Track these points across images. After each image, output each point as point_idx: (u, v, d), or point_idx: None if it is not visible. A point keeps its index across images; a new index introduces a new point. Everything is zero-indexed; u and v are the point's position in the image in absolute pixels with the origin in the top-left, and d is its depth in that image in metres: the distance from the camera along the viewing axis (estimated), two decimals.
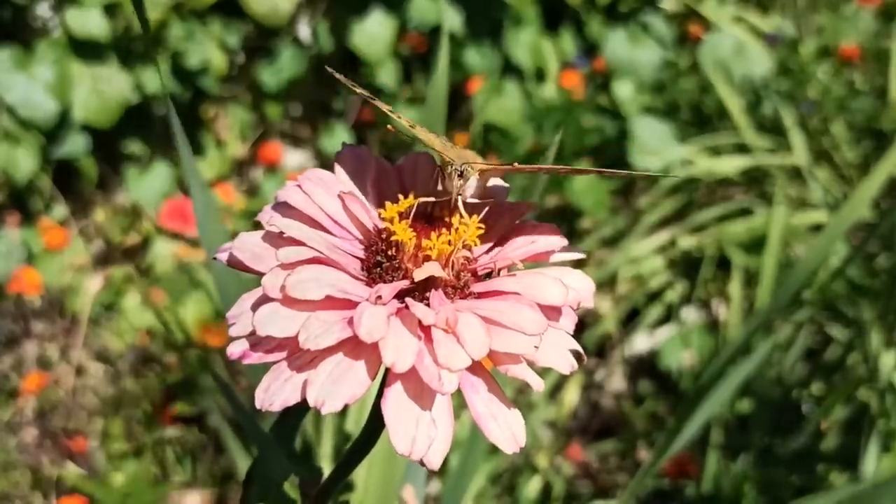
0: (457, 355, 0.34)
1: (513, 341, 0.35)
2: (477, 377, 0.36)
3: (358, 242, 0.42)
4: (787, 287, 0.93)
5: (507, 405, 0.36)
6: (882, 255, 1.62)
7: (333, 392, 0.33)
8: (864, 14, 2.05)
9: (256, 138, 2.17)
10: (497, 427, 0.35)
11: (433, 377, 0.33)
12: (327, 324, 0.34)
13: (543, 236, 0.43)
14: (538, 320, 0.36)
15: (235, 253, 0.38)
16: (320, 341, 0.33)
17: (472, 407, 0.35)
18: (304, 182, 0.42)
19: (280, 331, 0.34)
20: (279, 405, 0.34)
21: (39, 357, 1.67)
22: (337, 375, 0.34)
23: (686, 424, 1.03)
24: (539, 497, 1.47)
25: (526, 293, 0.38)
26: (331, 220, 0.41)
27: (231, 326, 0.36)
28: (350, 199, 0.41)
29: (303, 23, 2.13)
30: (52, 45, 1.81)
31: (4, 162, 1.75)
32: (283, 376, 0.34)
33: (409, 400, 0.34)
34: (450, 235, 0.39)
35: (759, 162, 1.85)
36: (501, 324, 0.36)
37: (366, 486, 0.86)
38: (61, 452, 1.52)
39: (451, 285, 0.39)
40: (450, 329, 0.35)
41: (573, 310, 0.40)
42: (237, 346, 0.35)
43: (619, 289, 1.83)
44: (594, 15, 2.14)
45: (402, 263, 0.39)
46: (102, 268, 1.89)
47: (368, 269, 0.40)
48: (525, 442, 0.36)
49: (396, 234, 0.39)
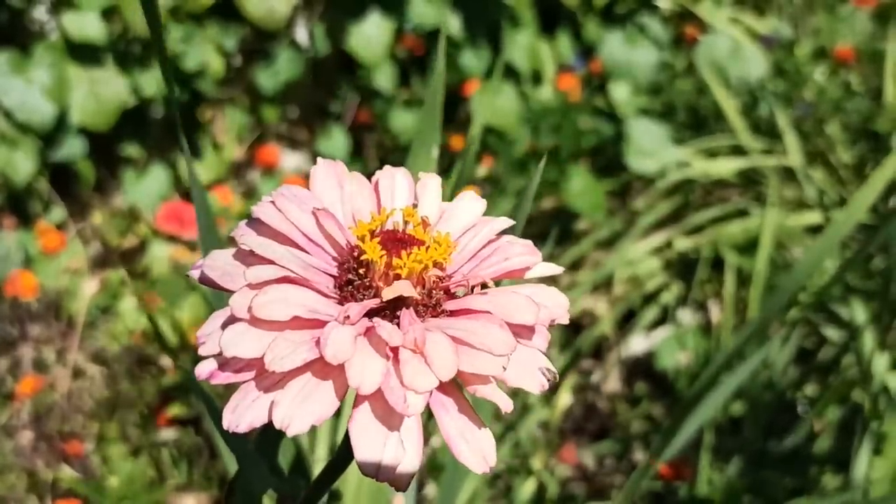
0: (423, 376, 0.34)
1: (481, 362, 0.35)
2: (448, 397, 0.36)
3: (332, 259, 0.42)
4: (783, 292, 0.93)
5: (477, 425, 0.36)
6: (877, 257, 1.62)
7: (300, 413, 0.33)
8: (860, 15, 2.05)
9: (253, 141, 2.17)
10: (467, 448, 0.36)
11: (399, 399, 0.33)
12: (294, 344, 0.34)
13: (518, 253, 0.43)
14: (507, 340, 0.36)
15: (206, 271, 0.38)
16: (286, 363, 0.33)
17: (441, 427, 0.35)
18: (278, 198, 0.42)
19: (246, 352, 0.34)
20: (246, 426, 0.34)
21: (35, 360, 1.67)
22: (304, 396, 0.34)
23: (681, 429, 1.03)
24: (533, 499, 1.47)
25: (497, 312, 0.38)
26: (304, 237, 0.41)
27: (201, 345, 0.36)
28: (324, 216, 0.41)
29: (300, 25, 2.13)
30: (49, 48, 1.81)
31: (2, 165, 1.75)
32: (250, 397, 0.34)
33: (376, 421, 0.34)
34: (421, 254, 0.39)
35: (754, 163, 1.85)
36: (470, 344, 0.36)
37: (357, 494, 0.86)
38: (57, 455, 1.52)
39: (422, 304, 0.39)
40: (418, 349, 0.35)
41: (546, 327, 0.40)
42: (206, 366, 0.36)
43: (615, 290, 1.83)
44: (591, 17, 2.14)
45: (373, 282, 0.39)
46: (99, 270, 1.89)
47: (341, 287, 0.40)
48: (494, 462, 0.36)
49: (367, 252, 0.39)
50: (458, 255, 0.43)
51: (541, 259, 0.43)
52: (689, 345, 1.69)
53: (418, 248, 0.40)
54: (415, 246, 0.40)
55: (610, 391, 1.77)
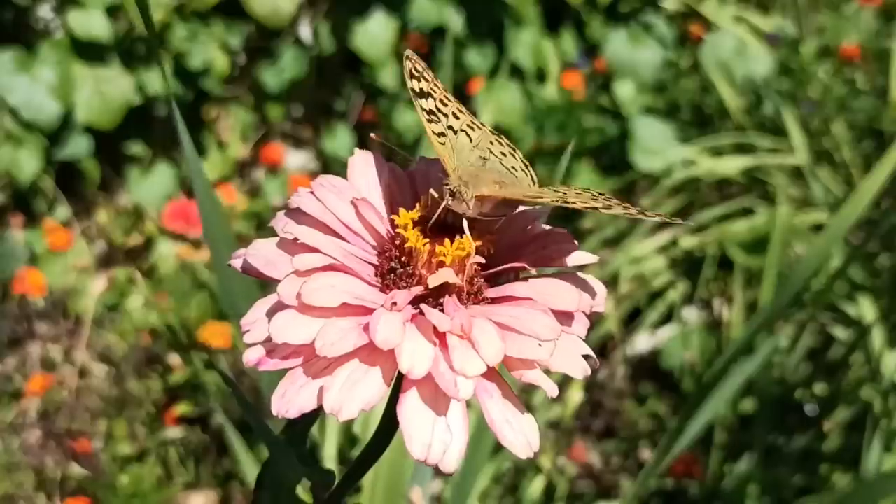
0: (472, 361, 0.34)
1: (527, 347, 0.35)
2: (491, 382, 0.36)
3: (371, 248, 0.42)
4: (789, 287, 0.93)
5: (520, 410, 0.36)
6: (883, 254, 1.62)
7: (350, 398, 0.33)
8: (865, 14, 2.05)
9: (258, 139, 2.17)
10: (512, 432, 0.36)
11: (449, 383, 0.33)
12: (343, 331, 0.34)
13: (555, 241, 0.43)
14: (553, 326, 0.36)
15: (250, 260, 0.38)
16: (337, 349, 0.33)
17: (486, 412, 0.35)
18: (318, 188, 0.42)
19: (297, 338, 0.34)
20: (296, 411, 0.34)
21: (43, 358, 1.67)
22: (353, 382, 0.34)
23: (689, 424, 1.03)
24: (542, 497, 1.48)
25: (539, 299, 0.38)
26: (344, 227, 0.41)
27: (246, 333, 0.36)
28: (363, 206, 0.41)
29: (304, 24, 2.13)
30: (54, 46, 1.81)
31: (8, 164, 1.75)
32: (299, 382, 0.34)
33: (424, 406, 0.34)
34: (463, 242, 0.39)
35: (760, 162, 1.86)
36: (516, 330, 0.36)
37: (373, 489, 0.86)
38: (65, 453, 1.52)
39: (464, 291, 0.40)
40: (465, 335, 0.35)
41: (585, 315, 0.41)
42: (253, 353, 0.36)
43: (620, 289, 1.83)
44: (595, 15, 2.15)
45: (416, 270, 0.39)
46: (105, 269, 1.89)
47: (382, 276, 0.40)
48: (538, 447, 0.36)
49: (409, 240, 0.39)
50: (498, 243, 0.43)
51: (577, 248, 0.44)
52: (694, 343, 1.69)
53: (460, 237, 0.40)
54: (457, 234, 0.40)
55: (616, 389, 1.77)
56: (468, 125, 0.48)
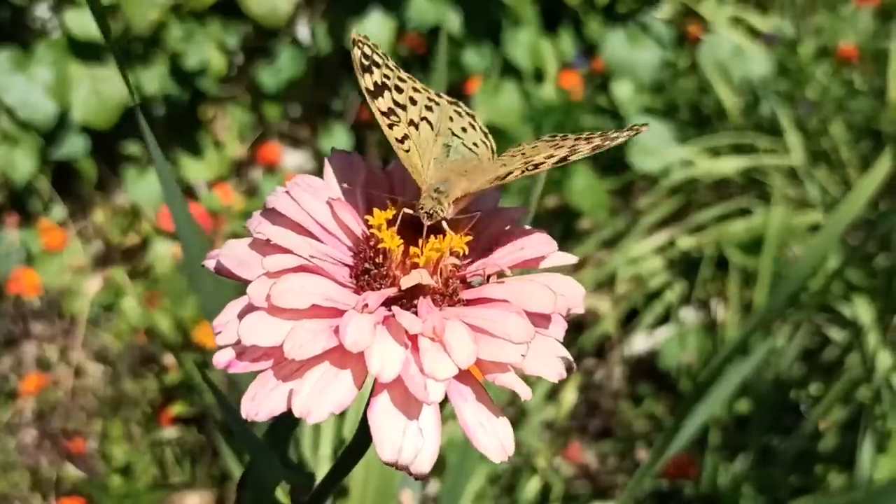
0: (443, 364, 0.34)
1: (500, 350, 0.35)
2: (465, 385, 0.36)
3: (347, 249, 0.41)
4: (785, 287, 0.93)
5: (495, 414, 0.36)
6: (880, 255, 1.62)
7: (319, 401, 0.33)
8: (863, 14, 2.05)
9: (255, 139, 2.17)
10: (486, 436, 0.35)
11: (419, 386, 0.33)
12: (313, 333, 0.34)
13: (533, 242, 0.43)
14: (525, 328, 0.36)
15: (222, 260, 0.38)
16: (306, 351, 0.33)
17: (460, 416, 0.35)
18: (293, 188, 0.42)
19: (266, 340, 0.34)
20: (265, 415, 0.33)
21: (38, 358, 1.67)
22: (323, 385, 0.34)
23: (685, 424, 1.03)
24: (538, 498, 1.47)
25: (514, 300, 0.38)
26: (319, 227, 0.41)
27: (217, 335, 0.36)
28: (339, 206, 0.41)
29: (301, 23, 2.13)
30: (51, 46, 1.81)
31: (3, 163, 1.75)
32: (269, 385, 0.34)
33: (395, 409, 0.34)
34: (438, 243, 0.39)
35: (757, 162, 1.85)
36: (489, 332, 0.36)
37: (363, 490, 0.86)
38: (60, 453, 1.52)
39: (439, 293, 0.39)
40: (436, 338, 0.35)
41: (563, 317, 0.40)
42: (223, 355, 0.35)
43: (618, 289, 1.83)
44: (593, 15, 2.14)
45: (390, 271, 0.39)
46: (101, 269, 1.89)
47: (357, 277, 0.40)
48: (513, 451, 0.36)
49: (384, 241, 0.38)
50: (475, 245, 0.42)
51: (556, 249, 0.43)
52: (691, 344, 1.69)
53: (434, 237, 0.39)
54: (432, 234, 0.40)
55: (613, 390, 1.77)
56: (426, 106, 0.47)
